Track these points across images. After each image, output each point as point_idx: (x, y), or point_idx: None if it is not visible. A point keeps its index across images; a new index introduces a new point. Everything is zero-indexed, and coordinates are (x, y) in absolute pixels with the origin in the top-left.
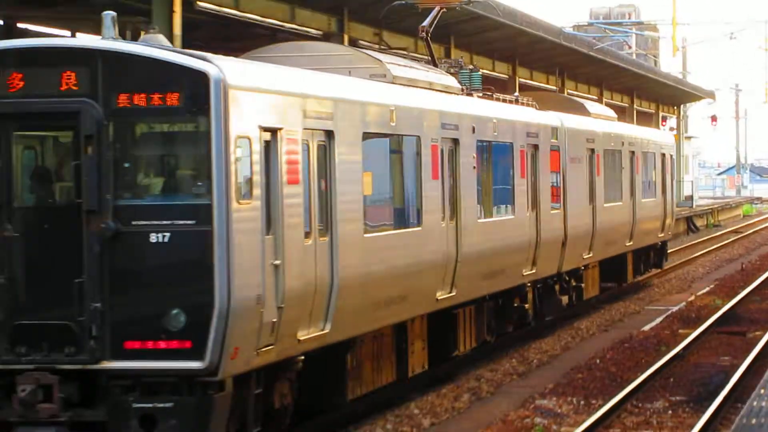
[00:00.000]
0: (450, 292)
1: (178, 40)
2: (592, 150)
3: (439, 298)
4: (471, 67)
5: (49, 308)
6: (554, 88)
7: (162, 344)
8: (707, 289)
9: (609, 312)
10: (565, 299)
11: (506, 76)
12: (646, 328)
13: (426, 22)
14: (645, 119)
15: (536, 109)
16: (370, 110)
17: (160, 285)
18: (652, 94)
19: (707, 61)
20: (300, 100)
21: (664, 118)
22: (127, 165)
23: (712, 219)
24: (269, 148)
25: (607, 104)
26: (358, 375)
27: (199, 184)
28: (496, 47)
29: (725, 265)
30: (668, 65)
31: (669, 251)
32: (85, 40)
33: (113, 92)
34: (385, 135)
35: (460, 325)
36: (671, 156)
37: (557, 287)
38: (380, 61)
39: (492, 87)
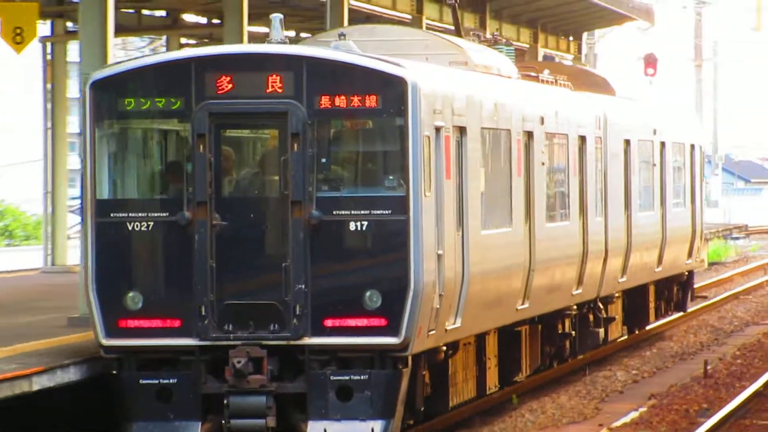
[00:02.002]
0: (524, 304)
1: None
2: (628, 142)
3: (518, 308)
4: (504, 40)
5: (256, 289)
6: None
7: (359, 321)
8: (632, 417)
9: None
10: (601, 333)
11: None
12: None
13: None
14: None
15: (572, 90)
16: (485, 105)
17: (358, 268)
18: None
19: None
20: (450, 99)
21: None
22: (324, 161)
23: None
24: (438, 145)
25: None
26: (454, 383)
27: (391, 177)
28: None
29: (673, 366)
30: None
31: None
32: (290, 47)
33: (316, 95)
34: (491, 129)
35: (523, 344)
36: (701, 148)
37: (591, 317)
38: (460, 47)
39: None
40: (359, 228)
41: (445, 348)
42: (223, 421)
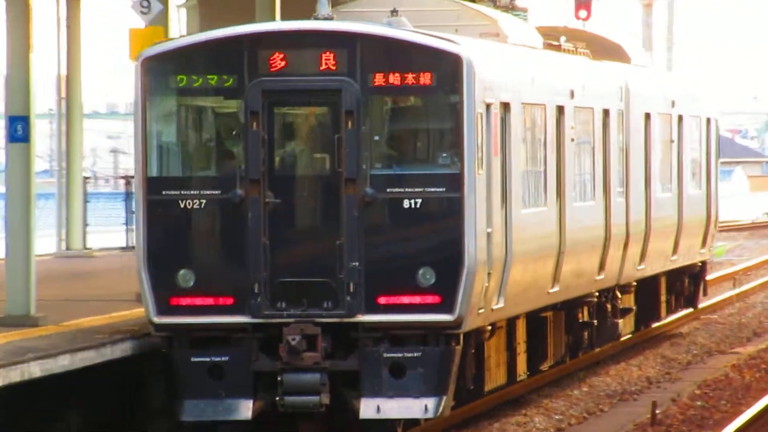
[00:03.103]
0: (554, 287)
1: None
2: (648, 116)
3: (549, 291)
4: (520, 8)
5: (310, 267)
6: None
7: (413, 299)
8: None
9: None
10: (621, 324)
11: None
12: None
13: None
14: None
15: (590, 58)
16: (524, 80)
17: (412, 245)
18: None
19: None
20: (497, 75)
21: None
22: (377, 138)
23: None
24: (488, 122)
25: None
26: (489, 367)
27: (445, 155)
28: None
29: (610, 410)
30: None
31: None
32: (343, 24)
33: (369, 72)
34: (530, 105)
35: (548, 331)
36: (716, 122)
37: (609, 307)
38: (492, 18)
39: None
40: (413, 205)
41: (490, 327)
42: (277, 398)
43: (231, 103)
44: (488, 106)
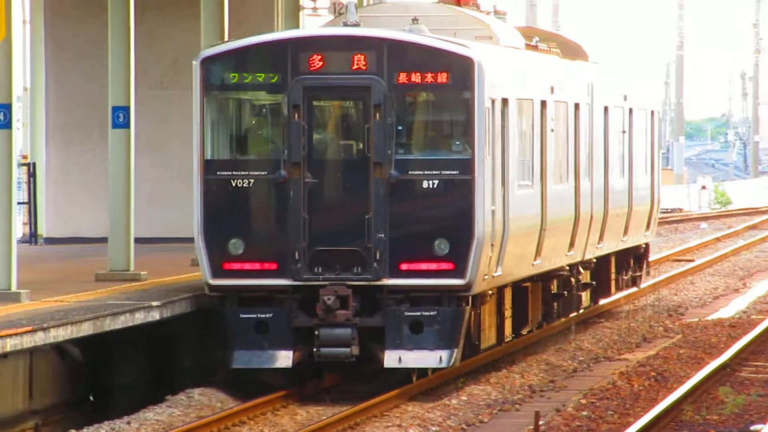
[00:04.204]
0: (537, 260)
1: None
2: (606, 108)
3: (533, 263)
4: (500, 11)
5: (342, 238)
6: None
7: (430, 266)
8: None
9: None
10: (583, 297)
11: None
12: None
13: None
14: None
15: (560, 57)
16: (517, 78)
17: (430, 220)
18: None
19: None
20: (499, 74)
21: None
22: (400, 128)
23: None
24: (493, 115)
25: None
26: (484, 328)
27: (458, 143)
28: None
29: (490, 421)
30: None
31: None
32: (372, 30)
33: (395, 71)
34: (522, 99)
35: (529, 299)
36: (659, 114)
37: (573, 281)
38: (486, 23)
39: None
40: (431, 186)
41: (491, 292)
42: (315, 350)
43: (276, 96)
44: (493, 101)
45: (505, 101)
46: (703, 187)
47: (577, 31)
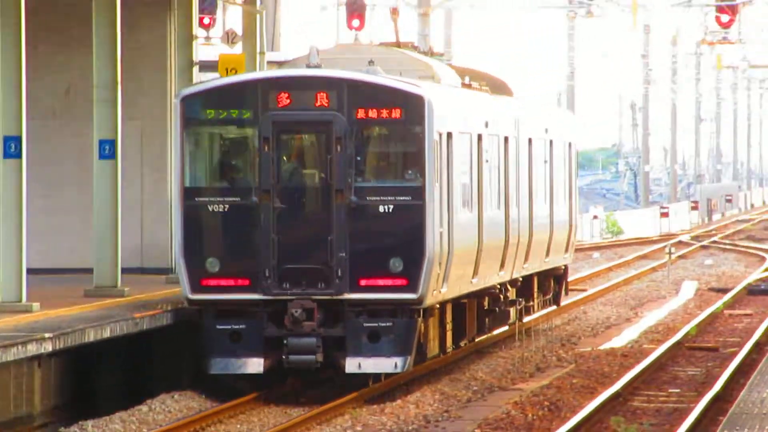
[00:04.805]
0: (474, 278)
1: None
2: (530, 140)
3: (472, 281)
4: (437, 53)
5: (307, 257)
6: None
7: (386, 281)
8: None
9: None
10: (511, 312)
11: None
12: None
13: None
14: None
15: (490, 94)
16: (459, 114)
17: (386, 240)
18: None
19: None
20: (445, 110)
21: None
22: (359, 158)
23: None
24: (441, 146)
25: None
26: (429, 339)
27: (410, 172)
28: None
29: None
30: None
31: None
32: (334, 71)
33: (354, 108)
34: (463, 133)
35: (467, 314)
36: (575, 145)
37: (502, 298)
38: (428, 64)
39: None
40: (386, 210)
41: (437, 306)
42: (284, 357)
43: (248, 130)
44: (440, 134)
45: (449, 135)
46: (595, 217)
47: (469, 58)
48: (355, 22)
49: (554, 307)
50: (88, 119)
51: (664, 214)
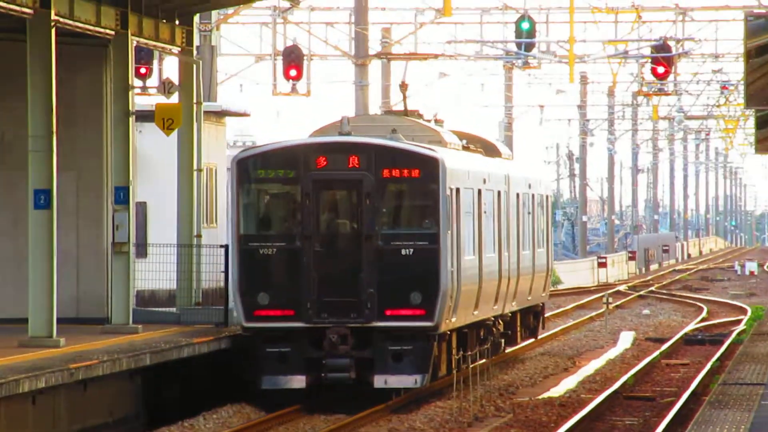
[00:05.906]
0: (476, 311)
1: None
2: (518, 195)
3: (474, 313)
4: (439, 120)
5: (342, 291)
6: None
7: (408, 312)
8: None
9: None
10: (502, 342)
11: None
12: None
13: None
14: None
15: (484, 155)
16: (464, 172)
17: (407, 278)
18: None
19: None
20: (455, 170)
21: None
22: (384, 210)
23: None
24: (451, 200)
25: None
26: (441, 361)
27: (427, 221)
28: None
29: None
30: None
31: None
32: (363, 138)
33: (380, 168)
34: (467, 188)
35: (470, 342)
36: (551, 197)
37: (495, 330)
38: (436, 130)
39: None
40: (408, 253)
41: (448, 333)
42: (323, 375)
43: (292, 187)
44: (451, 190)
45: (458, 190)
46: None
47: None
48: (293, 72)
49: (532, 340)
50: (23, 169)
51: (602, 264)
